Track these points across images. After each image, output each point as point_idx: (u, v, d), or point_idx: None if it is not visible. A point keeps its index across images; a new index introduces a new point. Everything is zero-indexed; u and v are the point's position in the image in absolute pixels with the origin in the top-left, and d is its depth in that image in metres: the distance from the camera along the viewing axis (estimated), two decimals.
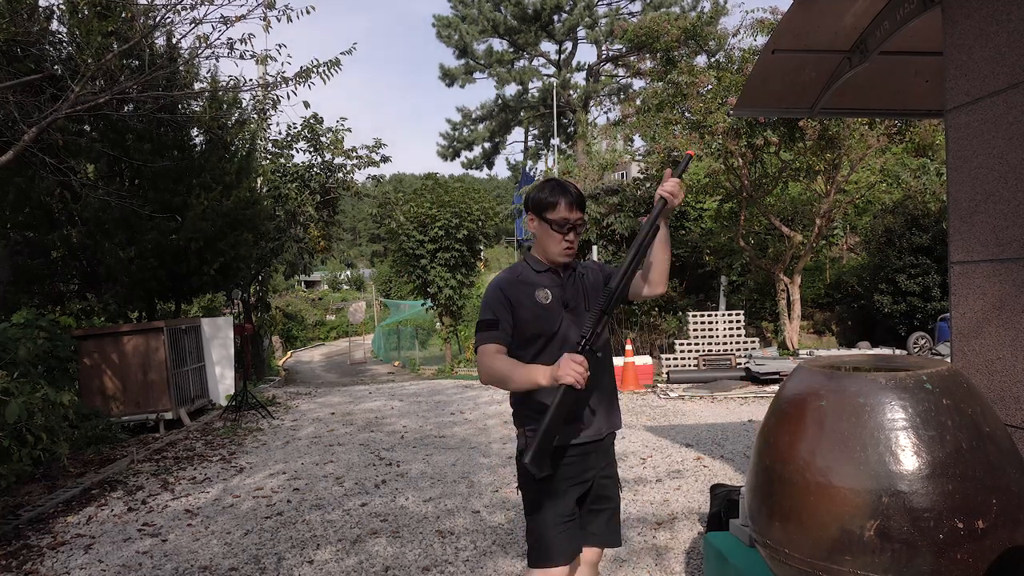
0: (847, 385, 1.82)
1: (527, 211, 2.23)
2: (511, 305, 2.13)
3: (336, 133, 16.13)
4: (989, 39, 2.31)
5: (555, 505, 2.13)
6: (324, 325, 36.19)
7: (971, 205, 2.39)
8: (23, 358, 5.57)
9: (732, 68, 11.12)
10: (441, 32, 29.29)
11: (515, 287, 2.16)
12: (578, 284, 2.24)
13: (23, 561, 3.98)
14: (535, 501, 2.15)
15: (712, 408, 8.26)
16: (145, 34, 6.95)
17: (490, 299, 2.16)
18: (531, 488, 2.15)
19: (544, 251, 2.20)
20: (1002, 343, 2.28)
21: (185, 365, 8.71)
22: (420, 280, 18.07)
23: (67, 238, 9.01)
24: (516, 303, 2.13)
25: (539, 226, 2.19)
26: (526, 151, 33.80)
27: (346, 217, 40.78)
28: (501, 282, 2.18)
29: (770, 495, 1.89)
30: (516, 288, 2.16)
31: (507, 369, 2.06)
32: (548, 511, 2.12)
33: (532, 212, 2.19)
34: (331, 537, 4.13)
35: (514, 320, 2.12)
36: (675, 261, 15.80)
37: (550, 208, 2.14)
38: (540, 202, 2.16)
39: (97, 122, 8.90)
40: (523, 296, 2.14)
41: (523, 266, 2.25)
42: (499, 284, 2.18)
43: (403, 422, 8.01)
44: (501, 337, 2.11)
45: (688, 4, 27.01)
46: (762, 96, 4.07)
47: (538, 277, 2.20)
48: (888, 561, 1.65)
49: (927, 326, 12.22)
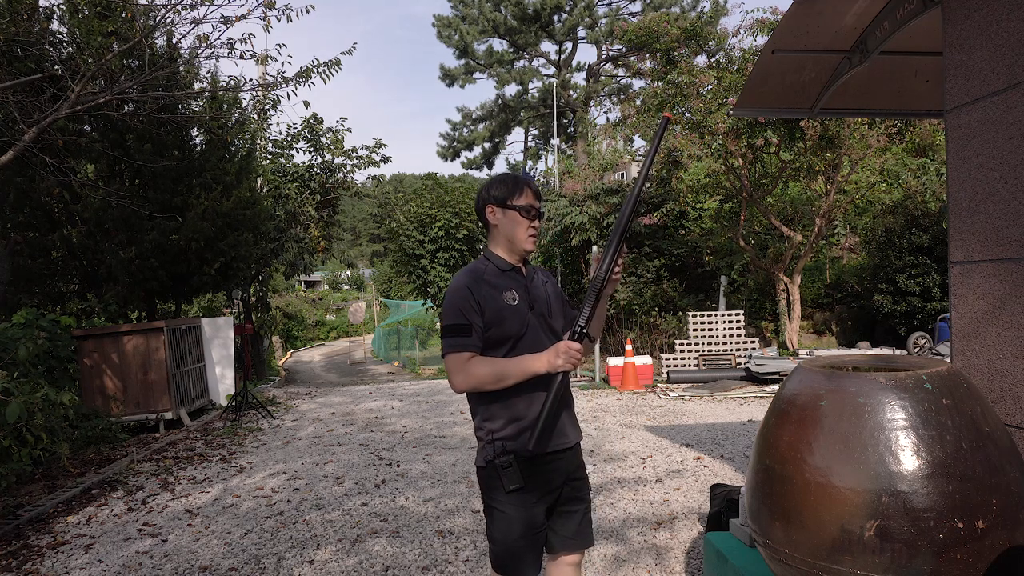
0: (847, 385, 1.82)
1: (487, 205, 2.16)
2: (480, 307, 2.05)
3: (336, 133, 16.14)
4: (989, 39, 2.31)
5: (526, 518, 2.07)
6: (324, 325, 36.20)
7: (971, 205, 2.39)
8: (23, 358, 5.56)
9: (732, 68, 11.12)
10: (441, 32, 29.30)
11: (482, 288, 2.07)
12: (540, 287, 2.21)
13: (23, 561, 3.98)
14: (504, 514, 2.07)
15: (712, 408, 8.26)
16: (145, 34, 6.94)
17: (458, 301, 2.05)
18: (499, 500, 2.08)
19: (510, 241, 2.15)
20: (1002, 343, 2.28)
21: (185, 365, 8.71)
22: (420, 280, 18.07)
23: (67, 238, 9.01)
24: (484, 305, 2.05)
25: (504, 215, 2.14)
26: (526, 151, 33.79)
27: (346, 217, 40.80)
28: (468, 282, 2.07)
29: (770, 495, 1.90)
30: (483, 288, 2.07)
31: (500, 368, 2.01)
32: (517, 524, 2.06)
33: (494, 204, 2.15)
34: (331, 537, 4.13)
35: (483, 323, 2.05)
36: (675, 261, 15.81)
37: (516, 194, 2.13)
38: (505, 190, 2.14)
39: (97, 122, 8.90)
40: (490, 297, 2.07)
41: (486, 264, 2.16)
42: (467, 284, 2.07)
43: (403, 422, 8.01)
44: (474, 345, 2.03)
45: (688, 4, 27.01)
46: (762, 96, 4.07)
47: (503, 277, 2.13)
48: (888, 561, 1.65)
49: (927, 326, 12.22)
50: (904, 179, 12.33)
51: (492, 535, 2.10)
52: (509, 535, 2.06)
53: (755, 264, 13.60)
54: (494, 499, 2.09)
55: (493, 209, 2.15)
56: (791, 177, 12.11)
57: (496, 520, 2.09)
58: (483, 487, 2.12)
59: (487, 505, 2.12)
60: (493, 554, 2.11)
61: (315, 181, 16.06)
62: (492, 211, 2.16)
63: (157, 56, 7.63)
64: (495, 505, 2.09)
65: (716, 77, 10.83)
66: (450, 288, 2.08)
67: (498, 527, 2.08)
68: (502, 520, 2.07)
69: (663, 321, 14.60)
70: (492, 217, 2.16)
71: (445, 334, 2.06)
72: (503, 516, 2.07)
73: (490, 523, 2.11)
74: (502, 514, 2.07)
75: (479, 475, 2.13)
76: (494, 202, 2.15)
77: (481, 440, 2.11)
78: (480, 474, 2.12)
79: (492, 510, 2.10)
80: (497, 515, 2.08)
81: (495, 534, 2.09)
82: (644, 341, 14.56)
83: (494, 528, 2.09)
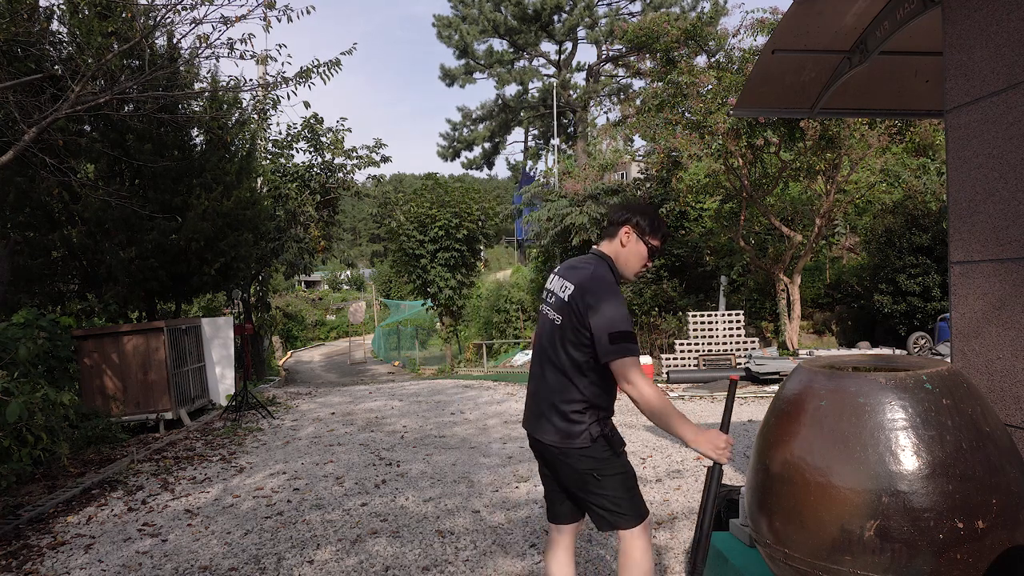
0: (847, 385, 1.82)
1: (627, 225, 2.32)
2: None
3: (336, 133, 16.14)
4: (989, 39, 2.31)
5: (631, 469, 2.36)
6: (324, 325, 36.21)
7: (971, 205, 2.39)
8: (23, 358, 5.56)
9: (732, 68, 11.11)
10: (441, 32, 29.31)
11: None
12: None
13: (23, 561, 3.98)
14: (625, 472, 2.31)
15: (712, 408, 8.26)
16: (145, 34, 6.94)
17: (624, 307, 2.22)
18: (615, 463, 2.29)
19: (625, 265, 2.34)
20: (1002, 343, 2.28)
21: (185, 365, 8.71)
22: (420, 280, 18.07)
23: (67, 238, 9.01)
24: None
25: (636, 243, 2.33)
26: (526, 151, 33.81)
27: (346, 217, 40.80)
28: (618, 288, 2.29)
29: (770, 495, 1.90)
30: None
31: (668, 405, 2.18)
32: (632, 473, 2.35)
33: (636, 229, 2.32)
34: (331, 537, 4.13)
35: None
36: (675, 261, 15.81)
37: (656, 234, 2.33)
38: (649, 224, 2.32)
39: (97, 122, 8.90)
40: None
41: (613, 275, 2.33)
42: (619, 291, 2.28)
43: (403, 422, 8.01)
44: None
45: (688, 4, 27.02)
46: (762, 96, 4.07)
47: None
48: (888, 561, 1.65)
49: (927, 326, 12.22)
50: (904, 179, 12.33)
51: (621, 496, 2.29)
52: (634, 485, 2.33)
53: (755, 264, 13.60)
54: (612, 464, 2.29)
55: (630, 232, 2.33)
56: (791, 177, 12.11)
57: (622, 480, 2.30)
58: (595, 463, 2.27)
59: (606, 476, 2.28)
60: (633, 507, 2.30)
61: (315, 181, 16.06)
62: (628, 233, 2.33)
63: (157, 56, 7.63)
64: (615, 470, 2.29)
65: (716, 77, 10.83)
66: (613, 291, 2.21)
67: (626, 484, 2.31)
68: (626, 476, 2.32)
69: (663, 321, 14.60)
70: (625, 238, 2.34)
71: (624, 339, 2.17)
72: (624, 473, 2.31)
73: (616, 488, 2.28)
74: (623, 472, 2.31)
75: (587, 453, 2.26)
76: (635, 228, 2.33)
77: (583, 422, 2.26)
78: (588, 452, 2.26)
79: (613, 476, 2.29)
80: (619, 476, 2.30)
81: (624, 493, 2.29)
82: (644, 341, 14.56)
83: (622, 488, 2.29)
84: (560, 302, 2.30)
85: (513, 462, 5.79)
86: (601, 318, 2.17)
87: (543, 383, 2.35)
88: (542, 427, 2.34)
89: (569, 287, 2.28)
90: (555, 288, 2.36)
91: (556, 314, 2.31)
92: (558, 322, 2.29)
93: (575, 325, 2.24)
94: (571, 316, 2.25)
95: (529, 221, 18.85)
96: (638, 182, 17.96)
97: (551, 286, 2.39)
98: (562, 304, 2.29)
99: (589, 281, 2.24)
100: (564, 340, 2.27)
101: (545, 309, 2.39)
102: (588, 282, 2.24)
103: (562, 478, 2.37)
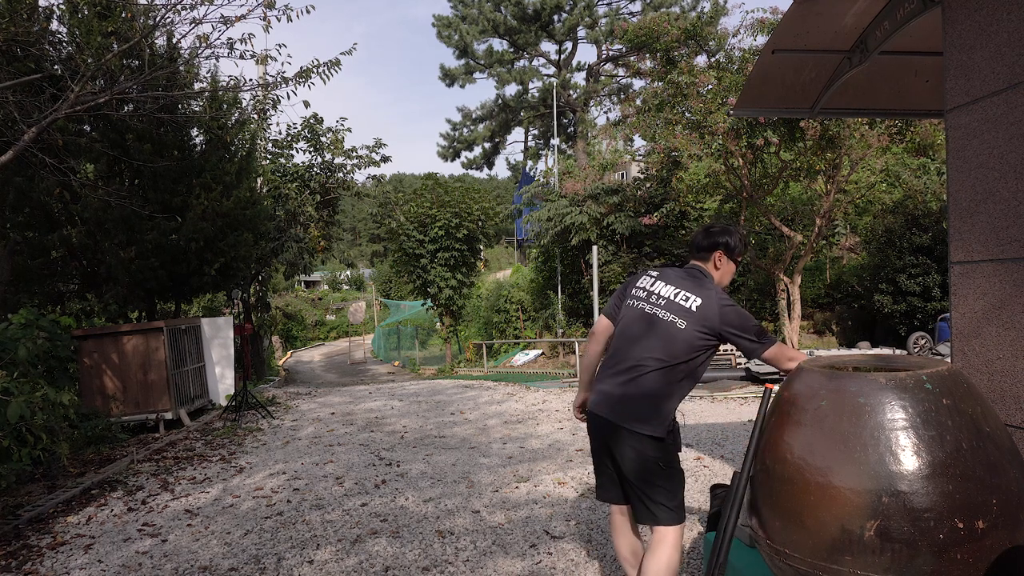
0: (847, 385, 1.82)
1: (719, 250, 2.60)
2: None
3: (336, 133, 16.14)
4: (989, 39, 2.31)
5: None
6: (324, 325, 36.22)
7: (971, 205, 2.39)
8: (23, 358, 5.56)
9: (732, 68, 11.11)
10: (441, 32, 29.32)
11: None
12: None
13: (23, 561, 3.98)
14: (682, 471, 2.54)
15: (712, 408, 8.26)
16: (145, 34, 6.94)
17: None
18: (677, 458, 2.52)
19: (720, 281, 2.63)
20: (1002, 343, 2.28)
21: (185, 365, 8.71)
22: (420, 280, 18.08)
23: (67, 238, 9.00)
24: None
25: (727, 264, 2.64)
26: (526, 151, 33.80)
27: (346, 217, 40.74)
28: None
29: (770, 495, 1.89)
30: None
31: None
32: (684, 478, 2.56)
33: (726, 251, 2.61)
34: (331, 537, 4.13)
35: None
36: (675, 261, 15.80)
37: (743, 251, 2.69)
38: (737, 245, 2.64)
39: (97, 122, 8.90)
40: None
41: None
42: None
43: (403, 422, 8.01)
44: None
45: (688, 4, 27.04)
46: (762, 96, 4.07)
47: None
48: (888, 561, 1.65)
49: (927, 326, 12.22)
50: (904, 179, 12.34)
51: (676, 491, 2.49)
52: (684, 486, 2.54)
53: (755, 264, 13.60)
54: (675, 459, 2.51)
55: (722, 256, 2.62)
56: (791, 177, 12.11)
57: (680, 476, 2.52)
58: (666, 456, 2.47)
59: (673, 469, 2.50)
60: (681, 506, 2.49)
61: (315, 181, 16.07)
62: (720, 257, 2.62)
63: (157, 56, 7.64)
64: (677, 464, 2.52)
65: (716, 77, 10.83)
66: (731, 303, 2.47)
67: (681, 481, 2.52)
68: (682, 475, 2.54)
69: None
70: (719, 261, 2.63)
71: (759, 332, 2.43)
72: (681, 471, 2.54)
73: (674, 481, 2.49)
74: (681, 471, 2.54)
75: (657, 446, 2.45)
76: (726, 251, 2.62)
77: (659, 418, 2.45)
78: (660, 445, 2.45)
79: (675, 471, 2.51)
80: (679, 472, 2.52)
81: (679, 489, 2.50)
82: None
83: (678, 484, 2.50)
84: (680, 308, 2.50)
85: (513, 462, 5.78)
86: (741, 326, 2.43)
87: (639, 372, 2.48)
88: (626, 412, 2.47)
89: (695, 299, 2.49)
90: (665, 293, 2.56)
91: (673, 316, 2.50)
92: (680, 324, 2.47)
93: (702, 331, 2.45)
94: (699, 323, 2.45)
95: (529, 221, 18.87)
96: (638, 182, 17.96)
97: (654, 288, 2.60)
98: (684, 311, 2.49)
99: (718, 297, 2.49)
100: (681, 340, 2.46)
101: (645, 306, 2.57)
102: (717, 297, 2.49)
103: (627, 464, 2.48)
